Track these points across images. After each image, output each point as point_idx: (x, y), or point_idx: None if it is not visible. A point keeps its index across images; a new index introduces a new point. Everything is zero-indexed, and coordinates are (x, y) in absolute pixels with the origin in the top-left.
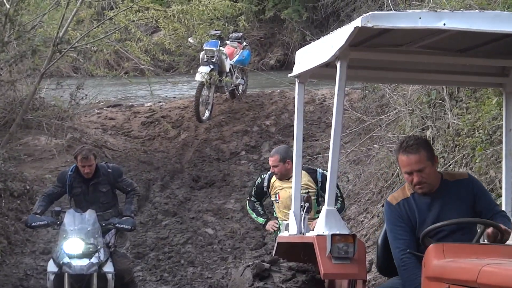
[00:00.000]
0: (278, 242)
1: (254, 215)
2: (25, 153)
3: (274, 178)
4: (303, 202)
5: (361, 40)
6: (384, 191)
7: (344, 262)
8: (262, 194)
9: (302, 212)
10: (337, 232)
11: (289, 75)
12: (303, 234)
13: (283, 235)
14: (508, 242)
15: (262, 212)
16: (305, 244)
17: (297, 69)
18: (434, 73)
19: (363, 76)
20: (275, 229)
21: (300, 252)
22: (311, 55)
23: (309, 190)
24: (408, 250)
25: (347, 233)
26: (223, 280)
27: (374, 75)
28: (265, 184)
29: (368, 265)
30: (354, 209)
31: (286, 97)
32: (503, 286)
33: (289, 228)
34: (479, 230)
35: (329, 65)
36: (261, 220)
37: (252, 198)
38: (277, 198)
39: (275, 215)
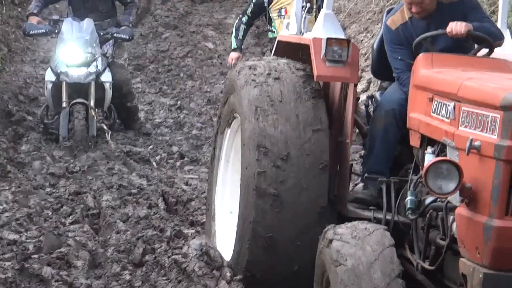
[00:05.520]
0: (278, 41)
1: (233, 35)
2: None
3: None
4: (304, 2)
5: None
6: (385, 11)
7: (337, 65)
8: (259, 12)
9: (303, 12)
10: (333, 36)
11: None
12: (302, 35)
13: (284, 34)
14: (500, 51)
15: (240, 37)
16: (303, 44)
17: None
18: None
19: None
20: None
21: (299, 51)
22: None
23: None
24: (403, 58)
25: (343, 37)
26: (222, 94)
27: None
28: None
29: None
30: (355, 28)
31: None
32: (480, 101)
33: (289, 27)
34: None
35: None
36: (233, 43)
37: (244, 18)
38: (283, 14)
39: (275, 34)
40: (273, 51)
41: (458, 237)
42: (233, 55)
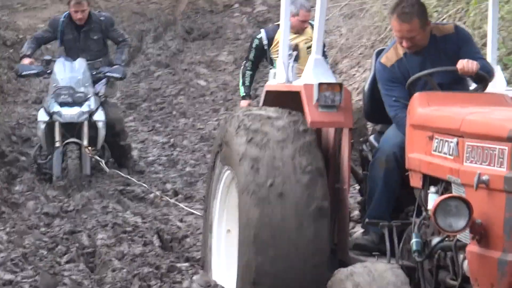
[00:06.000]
0: (267, 91)
1: (240, 82)
2: (18, 2)
3: (279, 33)
4: (291, 51)
5: None
6: (377, 45)
7: (331, 110)
8: (261, 56)
9: (290, 61)
10: (324, 81)
11: None
12: (291, 83)
13: (271, 83)
14: (491, 89)
15: (247, 83)
16: (292, 92)
17: None
18: None
19: None
20: None
21: (288, 100)
22: None
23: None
24: (398, 98)
25: (334, 81)
26: (215, 131)
27: None
28: (265, 42)
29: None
30: (346, 62)
31: None
32: (486, 134)
33: (277, 76)
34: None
35: None
36: (242, 91)
37: (247, 64)
38: None
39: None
40: (261, 102)
41: (470, 276)
42: (244, 103)
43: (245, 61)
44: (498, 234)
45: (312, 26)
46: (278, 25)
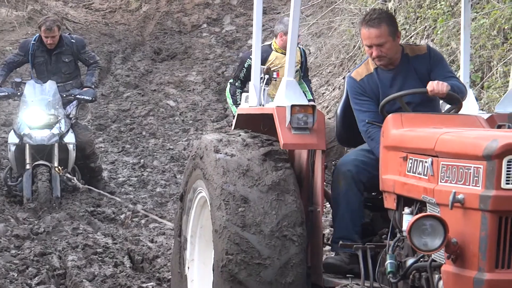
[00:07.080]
0: (238, 114)
1: (230, 102)
2: None
3: (273, 55)
4: (262, 74)
5: None
6: (345, 63)
7: (304, 132)
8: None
9: (261, 84)
10: (297, 103)
11: None
12: (263, 106)
13: (243, 107)
14: (464, 111)
15: (239, 102)
16: (264, 115)
17: None
18: None
19: None
20: None
21: (260, 123)
22: None
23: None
24: (370, 121)
25: (307, 103)
26: (185, 151)
27: None
28: None
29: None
30: (316, 81)
31: None
32: (461, 153)
33: (249, 100)
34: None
35: None
36: (234, 109)
37: (237, 83)
38: (275, 76)
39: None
40: (233, 125)
41: None
42: None
43: (233, 80)
44: (473, 253)
45: (299, 49)
46: (268, 45)
